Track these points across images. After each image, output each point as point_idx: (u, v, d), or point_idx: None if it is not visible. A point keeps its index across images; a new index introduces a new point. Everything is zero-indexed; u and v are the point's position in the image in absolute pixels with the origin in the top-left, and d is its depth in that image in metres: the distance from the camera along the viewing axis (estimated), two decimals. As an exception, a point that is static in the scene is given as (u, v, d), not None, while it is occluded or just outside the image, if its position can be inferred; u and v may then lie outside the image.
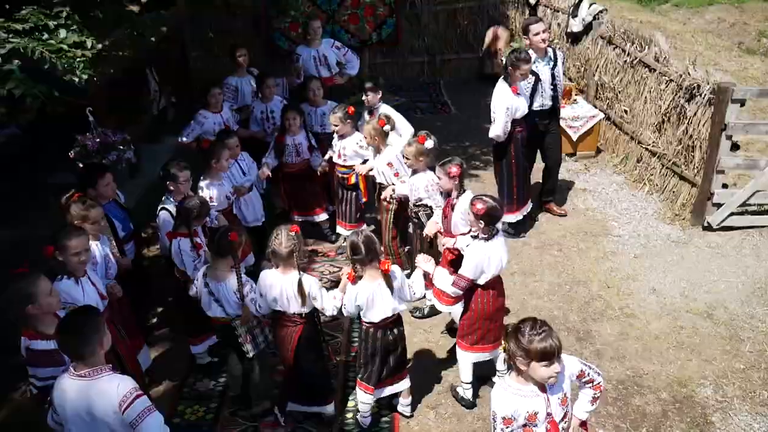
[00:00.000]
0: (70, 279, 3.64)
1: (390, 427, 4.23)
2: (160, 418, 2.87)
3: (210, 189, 5.18)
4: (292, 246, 3.76)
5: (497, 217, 3.93)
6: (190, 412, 4.45)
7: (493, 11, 10.54)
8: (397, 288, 3.83)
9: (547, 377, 2.68)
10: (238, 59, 6.73)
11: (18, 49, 3.69)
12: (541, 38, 5.88)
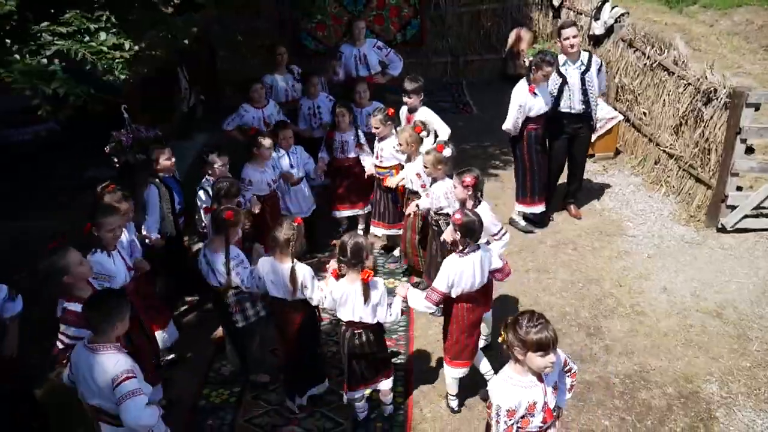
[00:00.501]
0: (103, 252, 4.01)
1: (404, 413, 4.43)
2: (141, 402, 3.13)
3: (251, 173, 5.51)
4: (290, 235, 4.00)
5: (473, 231, 3.91)
6: (215, 395, 4.70)
7: (517, 13, 10.66)
8: (374, 302, 3.93)
9: (543, 367, 2.84)
10: (277, 57, 6.97)
11: (62, 51, 3.96)
12: (569, 43, 5.98)
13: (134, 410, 3.07)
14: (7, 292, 3.79)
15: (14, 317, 3.81)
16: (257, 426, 4.38)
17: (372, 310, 3.96)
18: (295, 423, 4.38)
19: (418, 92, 5.96)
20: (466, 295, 4.05)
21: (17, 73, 3.74)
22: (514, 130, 5.98)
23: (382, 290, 3.97)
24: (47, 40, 3.97)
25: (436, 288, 4.00)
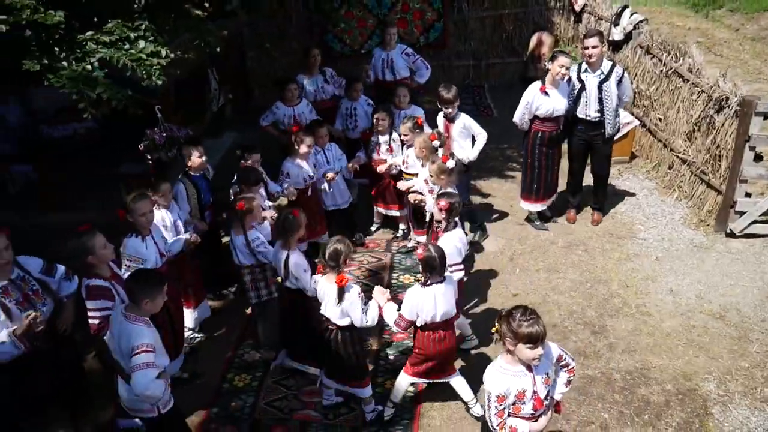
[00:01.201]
0: (137, 237, 4.47)
1: (412, 399, 4.72)
2: (152, 374, 3.51)
3: (289, 167, 5.94)
4: (286, 226, 4.47)
5: (433, 267, 4.04)
6: (238, 379, 5.04)
7: (539, 17, 10.83)
8: (346, 305, 4.16)
9: (531, 358, 3.08)
10: (310, 59, 7.28)
11: (105, 58, 4.29)
12: (589, 52, 6.16)
13: (143, 380, 3.45)
14: (65, 272, 4.21)
15: (69, 296, 4.22)
16: (276, 409, 4.71)
17: (341, 313, 4.20)
18: (311, 407, 4.70)
19: (454, 100, 6.09)
20: (430, 325, 4.18)
21: (65, 78, 4.09)
22: (520, 124, 6.35)
23: (354, 298, 4.16)
24: (92, 48, 4.31)
25: (402, 315, 4.15)
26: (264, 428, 4.56)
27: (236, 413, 4.69)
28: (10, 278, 3.90)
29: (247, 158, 5.74)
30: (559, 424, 4.46)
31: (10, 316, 3.82)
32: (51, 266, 4.19)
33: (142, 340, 3.54)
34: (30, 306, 3.93)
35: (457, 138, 6.24)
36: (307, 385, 4.89)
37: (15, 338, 3.75)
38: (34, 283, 4.03)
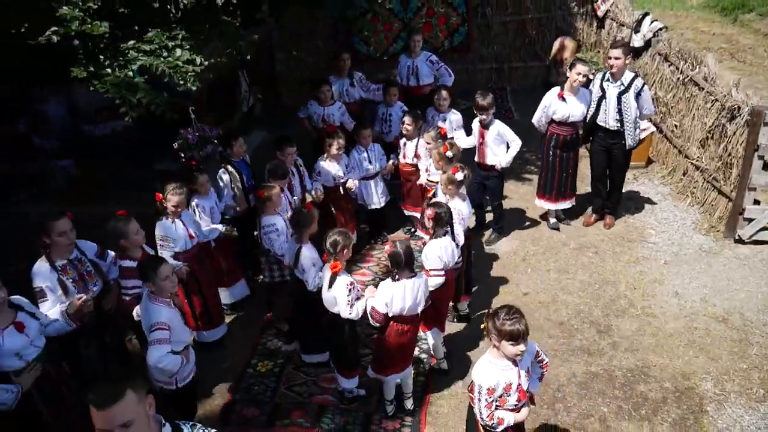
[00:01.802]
0: (168, 219, 4.99)
1: (422, 388, 5.03)
2: (163, 350, 3.90)
3: (321, 166, 6.36)
4: (300, 220, 4.81)
5: (399, 263, 4.29)
6: (261, 365, 5.40)
7: (562, 22, 11.00)
8: (333, 293, 4.47)
9: (514, 354, 3.35)
10: (340, 63, 7.63)
11: (145, 66, 4.67)
12: (611, 63, 6.36)
13: (156, 354, 3.85)
14: (113, 257, 4.69)
15: (116, 279, 4.65)
16: (296, 393, 5.06)
17: (332, 300, 4.50)
18: (329, 392, 5.04)
19: (490, 107, 6.34)
20: (399, 317, 4.42)
21: (109, 84, 4.47)
22: (537, 125, 6.66)
23: (342, 287, 4.42)
24: (133, 57, 4.68)
25: (375, 307, 4.39)
26: (284, 411, 4.91)
27: (259, 396, 5.06)
28: (69, 258, 4.38)
29: (282, 150, 6.03)
30: (560, 416, 4.73)
31: (67, 292, 4.29)
32: (103, 251, 4.68)
33: (159, 318, 3.95)
34: (84, 285, 4.42)
35: (491, 144, 6.49)
36: (326, 372, 5.23)
37: (67, 317, 4.17)
38: (88, 265, 4.52)
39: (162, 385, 4.16)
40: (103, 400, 2.28)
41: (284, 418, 4.83)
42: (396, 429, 4.70)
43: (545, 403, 4.83)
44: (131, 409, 2.31)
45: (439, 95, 6.92)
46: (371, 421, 4.78)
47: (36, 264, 4.32)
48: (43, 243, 4.32)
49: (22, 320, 3.92)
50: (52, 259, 4.33)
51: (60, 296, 4.28)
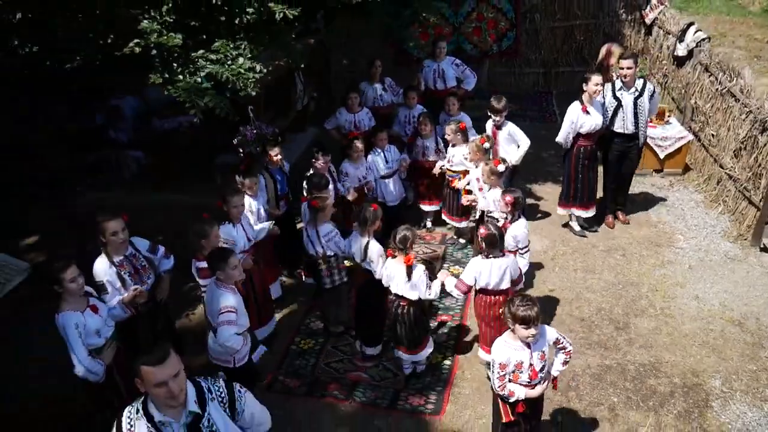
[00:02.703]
0: (230, 224, 5.45)
1: (448, 371, 5.53)
2: (231, 330, 4.42)
3: (347, 167, 6.85)
4: (368, 217, 5.25)
5: (492, 243, 4.83)
6: (304, 343, 6.00)
7: (609, 29, 11.24)
8: (414, 281, 4.98)
9: (525, 336, 3.81)
10: (372, 69, 8.21)
11: (212, 73, 5.30)
12: (624, 73, 6.76)
13: (225, 333, 4.40)
14: (164, 252, 5.21)
15: (168, 271, 5.23)
16: (333, 369, 5.63)
17: (412, 288, 5.03)
18: (362, 370, 5.59)
19: (503, 110, 6.85)
20: (484, 290, 4.97)
21: (181, 90, 5.11)
22: (565, 143, 6.93)
23: (420, 274, 4.98)
24: (202, 65, 5.32)
25: (462, 279, 4.97)
26: (322, 384, 5.48)
27: (300, 370, 5.65)
28: (125, 254, 4.87)
29: (318, 158, 6.52)
30: (572, 402, 5.15)
31: (125, 285, 4.80)
32: (155, 246, 5.16)
33: (227, 302, 4.47)
34: (139, 278, 4.93)
35: (502, 143, 7.00)
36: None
37: (123, 305, 4.74)
38: (142, 260, 5.01)
39: (220, 363, 4.73)
40: (158, 359, 2.86)
41: (322, 390, 5.41)
42: (421, 404, 5.22)
43: (559, 391, 5.23)
44: (176, 363, 2.91)
45: (449, 101, 7.44)
46: (399, 397, 5.31)
47: (97, 260, 4.77)
48: (100, 241, 4.78)
49: (95, 303, 4.49)
50: (110, 256, 4.78)
51: (119, 288, 4.76)
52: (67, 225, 7.60)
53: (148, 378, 2.87)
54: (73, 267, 4.28)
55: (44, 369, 5.41)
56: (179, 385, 2.90)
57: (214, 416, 3.04)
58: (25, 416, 5.20)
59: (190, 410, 2.98)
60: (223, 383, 3.19)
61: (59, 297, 4.31)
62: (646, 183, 8.44)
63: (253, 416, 3.27)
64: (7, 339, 5.87)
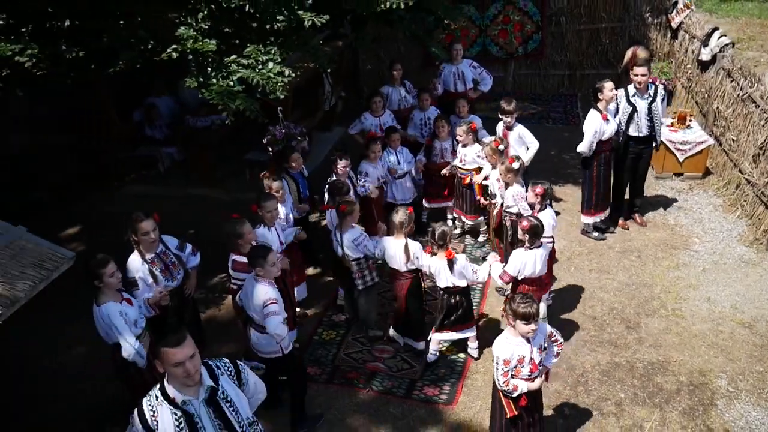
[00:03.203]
0: (264, 227, 5.67)
1: (463, 364, 5.78)
2: (279, 319, 4.68)
3: (366, 167, 7.07)
4: (404, 220, 5.47)
5: (537, 233, 5.22)
6: (326, 334, 6.31)
7: (635, 32, 11.32)
8: (458, 270, 5.30)
9: (525, 332, 4.06)
10: (393, 73, 8.48)
11: (243, 77, 5.62)
12: (638, 80, 6.96)
13: (274, 323, 4.67)
14: (191, 249, 5.51)
15: (195, 267, 5.54)
16: (353, 359, 5.94)
17: (459, 276, 5.37)
18: (381, 360, 5.89)
19: (513, 112, 7.12)
20: (529, 279, 5.37)
21: (214, 93, 5.43)
22: (588, 152, 7.05)
23: (463, 262, 5.35)
24: (234, 69, 5.63)
25: (507, 271, 5.37)
26: (341, 372, 5.79)
27: (322, 359, 5.96)
28: (156, 252, 5.17)
29: (338, 161, 6.68)
30: (580, 396, 5.37)
31: (156, 281, 5.10)
32: (183, 244, 5.47)
33: (270, 295, 4.72)
34: (170, 274, 5.22)
35: (513, 144, 7.21)
36: (381, 344, 6.08)
37: (148, 305, 4.97)
38: (172, 257, 5.31)
39: (266, 355, 4.96)
40: (177, 341, 3.18)
41: (341, 378, 5.72)
42: (435, 395, 5.49)
43: (568, 385, 5.47)
44: (192, 345, 3.22)
45: (459, 103, 7.73)
46: (414, 386, 5.58)
47: (130, 258, 5.04)
48: (132, 240, 5.06)
49: (128, 297, 4.80)
50: (143, 254, 5.06)
51: (151, 284, 5.02)
52: (106, 217, 8.05)
53: (167, 358, 3.19)
54: (112, 263, 4.59)
55: (86, 355, 5.83)
56: (195, 365, 3.21)
57: (226, 388, 3.39)
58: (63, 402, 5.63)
59: (207, 385, 3.31)
60: (226, 359, 3.53)
61: (98, 291, 4.60)
62: (665, 186, 8.56)
63: (256, 385, 3.64)
64: (51, 325, 6.30)
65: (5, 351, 5.92)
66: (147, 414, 3.28)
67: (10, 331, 4.23)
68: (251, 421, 3.50)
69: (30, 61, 5.08)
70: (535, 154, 7.23)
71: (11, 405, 5.53)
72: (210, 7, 5.77)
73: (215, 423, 3.32)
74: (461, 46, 8.69)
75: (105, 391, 5.52)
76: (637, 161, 7.35)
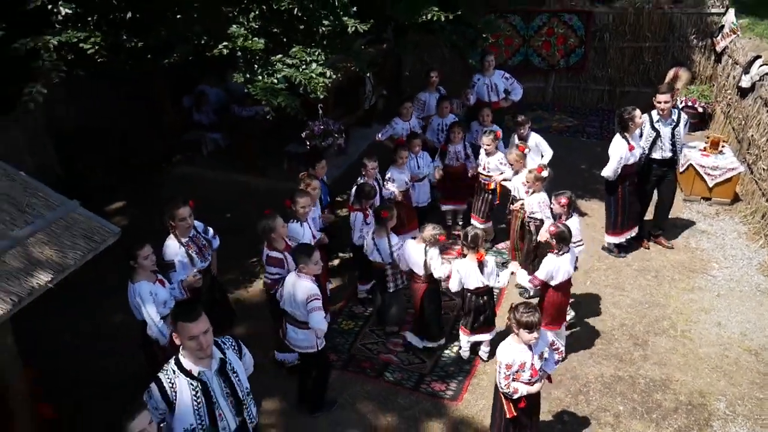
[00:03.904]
0: (297, 222, 5.97)
1: (471, 364, 6.07)
2: (322, 314, 5.01)
3: (393, 172, 7.37)
4: (429, 238, 5.75)
5: (565, 238, 5.48)
6: (345, 324, 6.67)
7: (679, 53, 11.35)
8: (487, 273, 5.63)
9: (528, 340, 4.33)
10: (430, 79, 8.77)
11: (287, 76, 5.98)
12: (661, 107, 7.15)
13: (317, 318, 4.97)
14: (212, 233, 5.86)
15: (215, 249, 5.88)
16: (368, 349, 6.28)
17: (487, 277, 5.69)
18: (394, 353, 6.21)
19: (525, 123, 7.59)
20: (560, 285, 5.59)
21: (259, 89, 5.81)
22: (613, 177, 7.21)
23: (492, 264, 5.69)
24: (279, 68, 6.00)
25: (538, 276, 5.63)
26: (356, 361, 6.15)
27: (339, 347, 6.32)
28: (189, 236, 5.55)
29: (366, 164, 6.96)
30: (580, 405, 5.61)
31: (193, 262, 5.48)
32: (206, 228, 5.83)
33: (313, 291, 5.01)
34: (203, 255, 5.60)
35: (528, 153, 7.42)
36: (396, 337, 6.42)
37: (182, 287, 5.33)
38: (203, 240, 5.70)
39: (302, 350, 5.24)
40: (194, 315, 3.54)
41: (355, 366, 6.07)
42: (442, 390, 5.80)
43: (570, 394, 5.71)
44: (206, 321, 3.58)
45: (483, 112, 8.04)
46: (423, 381, 5.90)
47: (167, 241, 5.38)
48: (169, 225, 5.39)
49: (162, 278, 5.19)
50: (179, 238, 5.40)
51: (187, 265, 5.37)
52: (151, 196, 8.56)
53: (183, 332, 3.56)
54: (148, 246, 5.01)
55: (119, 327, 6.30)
56: (207, 340, 3.59)
57: (232, 360, 3.80)
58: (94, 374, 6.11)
59: (218, 357, 3.71)
60: (229, 336, 3.96)
61: (133, 270, 5.03)
62: (692, 209, 8.66)
63: (251, 359, 4.06)
64: (91, 298, 6.79)
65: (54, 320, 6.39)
66: (166, 386, 3.63)
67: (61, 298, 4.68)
68: (248, 391, 3.87)
69: (93, 49, 5.54)
70: (562, 165, 7.45)
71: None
72: (261, 8, 6.15)
73: (224, 391, 3.72)
74: (493, 58, 8.91)
75: (127, 369, 5.86)
76: (660, 183, 7.50)
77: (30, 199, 4.58)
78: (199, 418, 3.65)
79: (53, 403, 5.31)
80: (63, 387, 5.69)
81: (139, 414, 3.52)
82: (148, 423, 3.49)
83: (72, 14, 5.51)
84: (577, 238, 5.98)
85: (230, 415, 3.76)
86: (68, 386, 5.74)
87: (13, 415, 4.70)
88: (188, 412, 3.63)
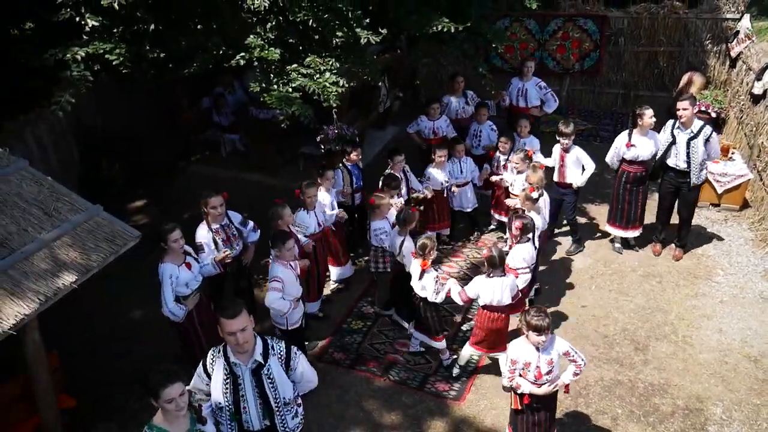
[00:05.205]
0: (305, 210, 6.47)
1: (475, 365, 6.28)
2: (275, 295, 5.36)
3: (431, 172, 7.72)
4: (407, 219, 6.14)
5: (494, 264, 5.54)
6: (354, 323, 6.92)
7: (693, 58, 11.37)
8: (423, 283, 5.82)
9: (536, 342, 4.55)
10: (456, 84, 9.01)
11: (301, 85, 6.21)
12: (680, 114, 7.18)
13: (270, 296, 5.39)
14: (253, 226, 6.36)
15: (254, 242, 6.41)
16: (376, 349, 6.52)
17: (420, 288, 5.85)
18: (401, 353, 6.45)
19: (571, 134, 7.45)
20: (489, 306, 5.67)
21: (274, 98, 6.04)
22: (611, 164, 7.58)
23: (429, 281, 5.77)
24: (293, 77, 6.23)
25: (464, 290, 5.73)
26: (363, 360, 6.39)
27: (348, 346, 6.57)
28: (221, 224, 6.08)
29: (392, 159, 7.43)
30: (579, 407, 5.80)
31: (217, 247, 6.02)
32: (245, 221, 6.33)
33: (275, 273, 5.46)
34: (229, 244, 6.14)
35: (570, 166, 7.58)
36: (402, 338, 6.64)
37: (215, 262, 5.88)
38: (234, 230, 6.23)
39: (276, 324, 5.74)
40: (232, 313, 3.80)
41: (362, 365, 6.31)
42: (445, 390, 6.02)
43: (569, 396, 5.89)
44: (245, 319, 3.83)
45: (521, 123, 8.09)
46: (427, 381, 6.13)
47: (199, 226, 6.06)
48: (203, 212, 6.05)
49: (190, 261, 5.70)
50: (209, 224, 6.06)
51: (213, 250, 5.98)
52: (171, 193, 8.88)
53: (223, 327, 3.84)
54: (178, 230, 5.52)
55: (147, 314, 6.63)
56: (245, 337, 3.84)
57: (273, 368, 4.00)
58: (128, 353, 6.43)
59: (255, 359, 3.94)
60: (283, 344, 4.13)
61: (163, 251, 5.53)
62: (700, 215, 8.73)
63: (303, 374, 4.20)
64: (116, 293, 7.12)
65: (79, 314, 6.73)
66: (208, 360, 4.00)
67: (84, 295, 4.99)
68: (287, 402, 4.09)
69: (117, 59, 5.82)
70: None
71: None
72: (278, 19, 6.38)
73: (254, 391, 3.97)
74: (533, 64, 9.07)
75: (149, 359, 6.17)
76: (676, 195, 7.56)
77: (56, 204, 4.89)
78: (226, 401, 3.95)
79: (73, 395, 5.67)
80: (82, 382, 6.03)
81: (173, 383, 3.58)
82: (179, 393, 3.60)
83: (98, 26, 5.78)
84: (521, 266, 5.95)
85: (255, 414, 4.02)
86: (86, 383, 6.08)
87: (37, 404, 5.04)
88: (218, 391, 3.95)
